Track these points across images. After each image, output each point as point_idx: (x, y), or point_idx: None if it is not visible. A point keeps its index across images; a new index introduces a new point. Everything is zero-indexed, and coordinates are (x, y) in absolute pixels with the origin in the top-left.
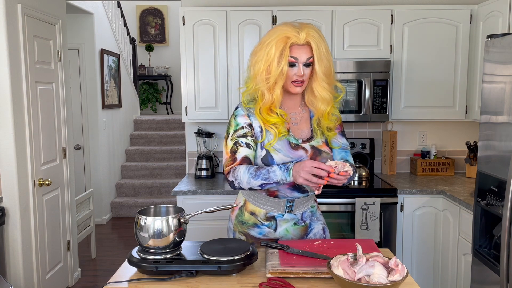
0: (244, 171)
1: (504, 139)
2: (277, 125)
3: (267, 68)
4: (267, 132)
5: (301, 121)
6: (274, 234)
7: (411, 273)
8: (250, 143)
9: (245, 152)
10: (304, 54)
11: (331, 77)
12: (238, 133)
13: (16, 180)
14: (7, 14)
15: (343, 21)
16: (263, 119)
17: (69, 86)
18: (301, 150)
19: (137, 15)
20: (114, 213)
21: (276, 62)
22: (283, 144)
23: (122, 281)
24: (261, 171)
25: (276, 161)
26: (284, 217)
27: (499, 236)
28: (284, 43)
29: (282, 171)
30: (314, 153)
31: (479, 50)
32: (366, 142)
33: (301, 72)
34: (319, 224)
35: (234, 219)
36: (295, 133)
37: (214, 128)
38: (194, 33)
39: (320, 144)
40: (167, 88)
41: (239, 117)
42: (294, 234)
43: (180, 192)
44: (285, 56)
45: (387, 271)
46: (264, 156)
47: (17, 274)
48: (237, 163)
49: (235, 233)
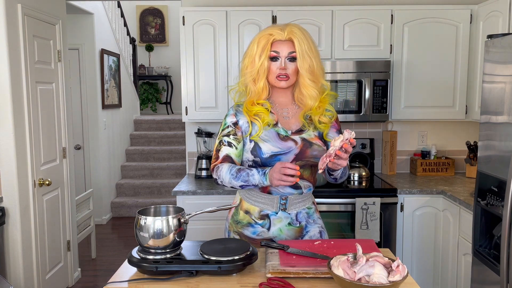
0: (226, 172)
1: (504, 139)
2: (261, 114)
3: (251, 62)
4: (253, 125)
5: (293, 116)
6: (267, 234)
7: (411, 273)
8: (232, 141)
9: (226, 150)
10: (286, 48)
11: (316, 75)
12: (223, 132)
13: (16, 180)
14: (7, 14)
15: (343, 21)
16: (248, 111)
17: (69, 86)
18: (290, 141)
19: (137, 15)
20: (114, 213)
21: (258, 56)
22: (271, 135)
23: (122, 281)
24: (241, 173)
25: (264, 151)
26: (277, 216)
27: (499, 236)
28: (266, 39)
29: (259, 175)
30: (305, 145)
31: (479, 50)
32: (366, 142)
33: (282, 65)
34: (316, 227)
35: (230, 218)
36: (285, 126)
37: (214, 128)
38: (194, 33)
39: (311, 137)
40: (167, 88)
41: (228, 117)
42: (288, 234)
43: (180, 192)
44: (266, 50)
45: (387, 271)
46: (252, 147)
47: (17, 274)
48: (219, 161)
49: (230, 233)
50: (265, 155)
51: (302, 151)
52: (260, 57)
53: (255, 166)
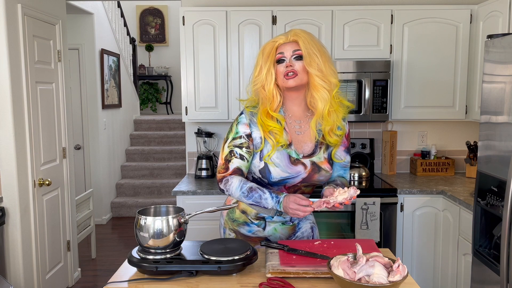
0: (237, 187)
1: (504, 139)
2: (275, 133)
3: (259, 71)
4: (265, 142)
5: (305, 132)
6: (262, 233)
7: (411, 273)
8: (244, 154)
9: (238, 163)
10: (290, 47)
11: (325, 74)
12: (235, 142)
13: (16, 180)
14: (7, 14)
15: (343, 21)
16: (263, 124)
17: (69, 86)
18: (300, 165)
19: (137, 15)
20: (114, 213)
21: (264, 62)
22: (282, 158)
23: (122, 281)
24: (253, 193)
25: (273, 175)
26: (273, 219)
27: (499, 236)
28: (271, 46)
29: (273, 202)
30: (313, 169)
31: (479, 50)
32: (366, 142)
33: (289, 63)
34: (308, 223)
35: (226, 215)
36: (297, 146)
37: (214, 128)
38: (194, 33)
39: (321, 161)
40: (167, 88)
41: (240, 125)
42: (282, 233)
43: (180, 192)
44: (272, 54)
45: (387, 271)
46: (262, 168)
47: (17, 274)
48: (229, 173)
49: (225, 230)
50: (273, 179)
51: (310, 176)
52: (266, 63)
53: (259, 180)
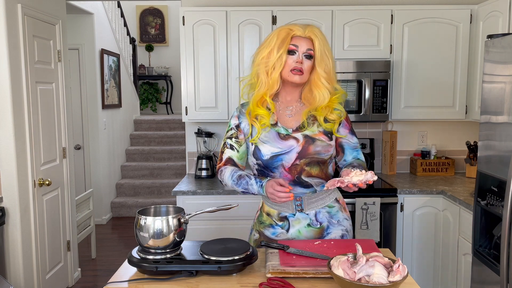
0: (228, 176)
1: (504, 139)
2: (262, 117)
3: (268, 54)
4: (253, 127)
5: (296, 113)
6: (286, 235)
7: (411, 273)
8: (233, 144)
9: (228, 153)
10: (305, 44)
11: (331, 77)
12: (227, 134)
13: (16, 180)
14: (7, 14)
15: (343, 21)
16: (251, 111)
17: (69, 86)
18: (291, 140)
19: (137, 15)
20: (114, 213)
21: (276, 48)
22: (270, 136)
23: (122, 281)
24: (242, 180)
25: (264, 153)
26: (296, 217)
27: (499, 236)
28: (287, 32)
29: (258, 186)
30: (307, 142)
31: (479, 50)
32: (366, 142)
33: (300, 59)
34: (339, 229)
35: (256, 218)
36: (285, 124)
37: (214, 128)
38: (194, 33)
39: (315, 133)
40: (167, 88)
41: (232, 118)
42: (307, 236)
43: (180, 192)
44: (286, 43)
45: (387, 271)
46: (253, 150)
47: (17, 274)
48: (222, 163)
49: (252, 230)
50: (265, 156)
51: (305, 149)
52: (279, 49)
53: (261, 169)
